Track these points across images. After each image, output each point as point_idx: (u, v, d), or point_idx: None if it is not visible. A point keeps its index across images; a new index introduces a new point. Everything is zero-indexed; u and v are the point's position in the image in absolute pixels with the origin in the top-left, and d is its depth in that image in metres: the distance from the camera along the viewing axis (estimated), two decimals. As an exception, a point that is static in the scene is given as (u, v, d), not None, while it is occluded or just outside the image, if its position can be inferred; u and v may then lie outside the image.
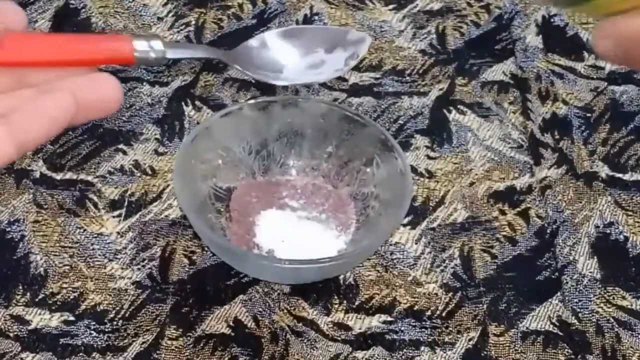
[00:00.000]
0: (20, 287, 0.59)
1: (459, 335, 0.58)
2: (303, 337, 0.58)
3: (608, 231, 0.64)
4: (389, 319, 0.59)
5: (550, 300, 0.60)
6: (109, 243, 0.62)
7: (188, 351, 0.57)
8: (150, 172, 0.66)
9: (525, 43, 0.76)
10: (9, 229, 0.62)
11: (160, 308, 0.59)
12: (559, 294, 0.60)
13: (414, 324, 0.59)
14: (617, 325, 0.59)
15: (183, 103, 0.71)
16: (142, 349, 0.57)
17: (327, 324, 0.59)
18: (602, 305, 0.60)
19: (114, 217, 0.63)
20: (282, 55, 0.50)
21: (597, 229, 0.64)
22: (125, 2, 0.78)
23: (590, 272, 0.62)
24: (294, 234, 0.62)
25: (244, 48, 0.49)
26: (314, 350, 0.57)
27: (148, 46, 0.41)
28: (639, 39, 0.34)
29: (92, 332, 0.57)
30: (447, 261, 0.62)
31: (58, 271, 0.60)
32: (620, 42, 0.34)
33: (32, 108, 0.36)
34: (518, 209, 0.65)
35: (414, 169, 0.67)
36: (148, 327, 0.58)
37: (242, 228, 0.62)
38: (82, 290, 0.59)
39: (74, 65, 0.38)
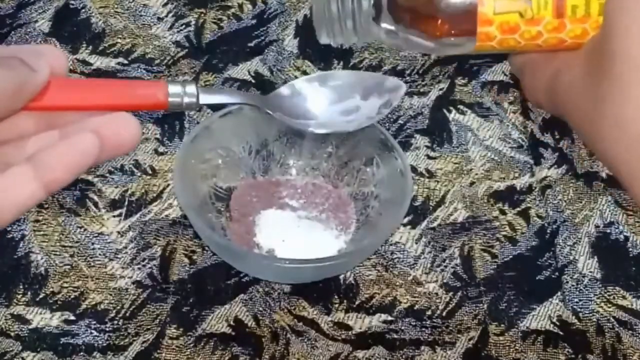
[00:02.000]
0: (21, 287, 0.59)
1: (459, 335, 0.58)
2: (303, 336, 0.58)
3: (608, 231, 0.64)
4: (389, 318, 0.59)
5: (550, 299, 0.60)
6: (109, 242, 0.62)
7: (189, 350, 0.57)
8: (150, 172, 0.66)
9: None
10: (9, 229, 0.62)
11: (161, 307, 0.59)
12: (559, 293, 0.61)
13: (414, 323, 0.59)
14: (617, 325, 0.59)
15: (183, 103, 0.70)
16: (142, 348, 0.57)
17: (328, 324, 0.59)
18: (602, 304, 0.60)
19: (114, 216, 0.63)
20: (316, 100, 0.51)
21: (597, 228, 0.64)
22: (126, 2, 0.78)
23: (591, 272, 0.62)
24: (294, 234, 0.62)
25: (278, 94, 0.50)
26: (314, 349, 0.57)
27: (182, 92, 0.42)
28: (521, 69, 0.43)
29: (93, 331, 0.57)
30: (447, 261, 0.62)
31: (59, 270, 0.60)
32: (515, 69, 0.43)
33: (57, 149, 0.37)
34: (518, 209, 0.65)
35: (414, 169, 0.67)
36: (149, 327, 0.58)
37: (243, 227, 0.62)
38: (82, 289, 0.59)
39: (108, 110, 0.39)
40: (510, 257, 0.62)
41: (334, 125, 0.50)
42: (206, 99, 0.44)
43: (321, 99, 0.51)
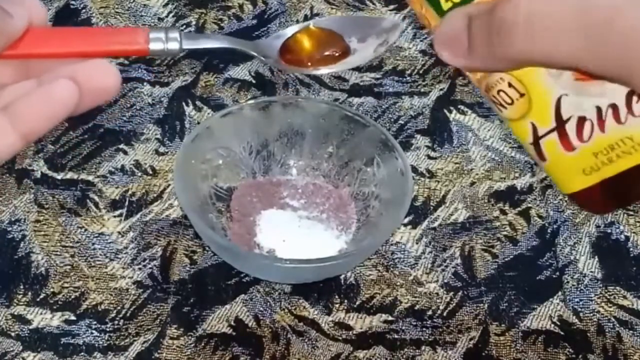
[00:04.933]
0: (22, 287, 0.59)
1: (460, 335, 0.58)
2: (304, 336, 0.58)
3: (609, 231, 0.64)
4: (390, 318, 0.59)
5: (551, 299, 0.60)
6: (110, 243, 0.62)
7: (189, 350, 0.57)
8: (151, 172, 0.66)
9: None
10: (10, 229, 0.62)
11: (162, 307, 0.59)
12: (559, 293, 0.61)
13: (415, 323, 0.59)
14: (618, 325, 0.59)
15: (184, 103, 0.71)
16: (143, 348, 0.57)
17: (328, 324, 0.59)
18: (603, 304, 0.60)
19: (115, 216, 0.63)
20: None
21: (597, 228, 0.64)
22: (126, 2, 0.78)
23: (591, 272, 0.62)
24: (295, 234, 0.62)
25: (269, 41, 0.48)
26: (315, 349, 0.57)
27: (164, 37, 0.41)
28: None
29: (94, 331, 0.57)
30: (447, 261, 0.62)
31: (59, 271, 0.60)
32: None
33: (34, 98, 0.36)
34: (519, 209, 0.65)
35: (414, 169, 0.67)
36: (149, 327, 0.58)
37: (243, 228, 0.62)
38: (83, 289, 0.59)
39: (89, 57, 0.38)
40: (511, 257, 0.62)
41: (327, 68, 0.49)
42: (190, 44, 0.42)
43: None
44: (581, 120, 0.37)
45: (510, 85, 0.38)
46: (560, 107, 0.37)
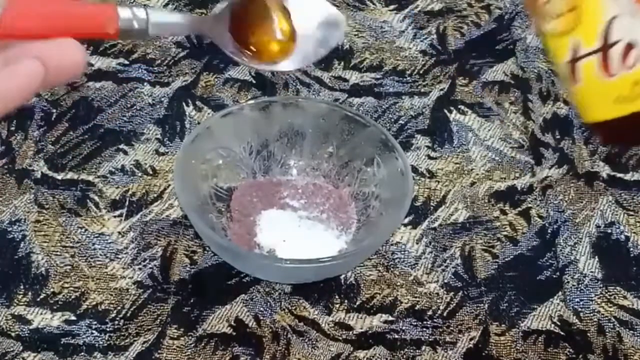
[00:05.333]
0: (22, 287, 0.59)
1: (460, 335, 0.58)
2: (304, 336, 0.58)
3: (609, 231, 0.64)
4: (390, 318, 0.59)
5: (551, 299, 0.60)
6: (110, 243, 0.62)
7: (189, 350, 0.57)
8: (151, 172, 0.66)
9: (526, 43, 0.76)
10: (10, 229, 0.62)
11: (162, 308, 0.59)
12: (560, 293, 0.60)
13: (415, 323, 0.59)
14: (618, 325, 0.59)
15: (184, 103, 0.71)
16: (143, 348, 0.57)
17: (328, 324, 0.59)
18: (603, 304, 0.60)
19: (115, 217, 0.63)
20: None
21: (598, 228, 0.64)
22: (126, 2, 0.78)
23: (592, 272, 0.62)
24: (295, 234, 0.62)
25: (219, 17, 0.46)
26: (315, 349, 0.57)
27: (131, 14, 0.41)
28: None
29: (94, 331, 0.57)
30: (448, 261, 0.62)
31: (59, 271, 0.60)
32: None
33: (0, 75, 0.36)
34: (519, 209, 0.65)
35: (414, 169, 0.67)
36: (149, 327, 0.58)
37: (243, 228, 0.62)
38: (83, 290, 0.59)
39: (57, 37, 0.38)
40: (511, 257, 0.62)
41: (268, 65, 0.47)
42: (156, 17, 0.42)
43: None
44: (629, 46, 0.35)
45: None
46: (611, 28, 0.35)
